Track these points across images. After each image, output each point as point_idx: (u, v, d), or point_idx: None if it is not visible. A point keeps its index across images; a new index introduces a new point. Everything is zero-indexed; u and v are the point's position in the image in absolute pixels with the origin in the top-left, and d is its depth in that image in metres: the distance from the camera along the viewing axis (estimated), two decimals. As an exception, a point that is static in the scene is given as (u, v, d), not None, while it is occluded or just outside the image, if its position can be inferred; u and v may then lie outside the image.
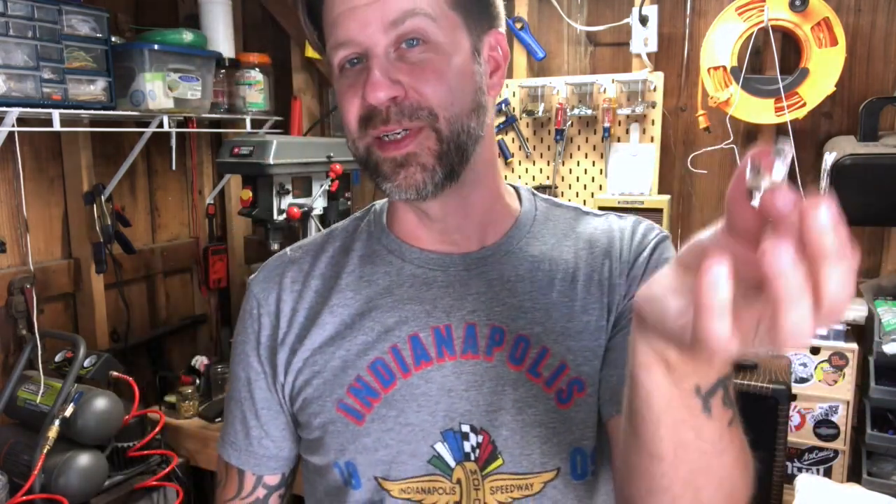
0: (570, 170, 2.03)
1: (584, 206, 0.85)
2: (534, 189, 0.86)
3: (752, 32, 1.69)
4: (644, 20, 1.85)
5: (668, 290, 0.44)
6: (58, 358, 1.77)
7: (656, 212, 1.86)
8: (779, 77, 1.68)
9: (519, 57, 2.06)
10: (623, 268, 0.76)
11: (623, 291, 0.75)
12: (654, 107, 1.89)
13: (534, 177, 2.08)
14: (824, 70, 1.64)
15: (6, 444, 1.60)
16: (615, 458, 0.70)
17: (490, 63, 0.73)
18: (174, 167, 2.16)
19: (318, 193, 1.93)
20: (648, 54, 1.88)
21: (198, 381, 2.02)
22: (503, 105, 2.05)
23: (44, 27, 1.55)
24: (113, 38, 1.75)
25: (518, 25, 2.02)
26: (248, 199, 1.79)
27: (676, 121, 1.98)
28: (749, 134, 1.90)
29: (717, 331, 0.38)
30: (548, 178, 2.06)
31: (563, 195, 2.05)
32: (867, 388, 1.52)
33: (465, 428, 0.72)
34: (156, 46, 1.81)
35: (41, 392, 1.61)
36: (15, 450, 1.58)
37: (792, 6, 1.63)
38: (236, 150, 1.75)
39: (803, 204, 0.36)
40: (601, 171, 1.99)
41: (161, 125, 1.89)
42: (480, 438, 0.72)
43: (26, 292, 1.78)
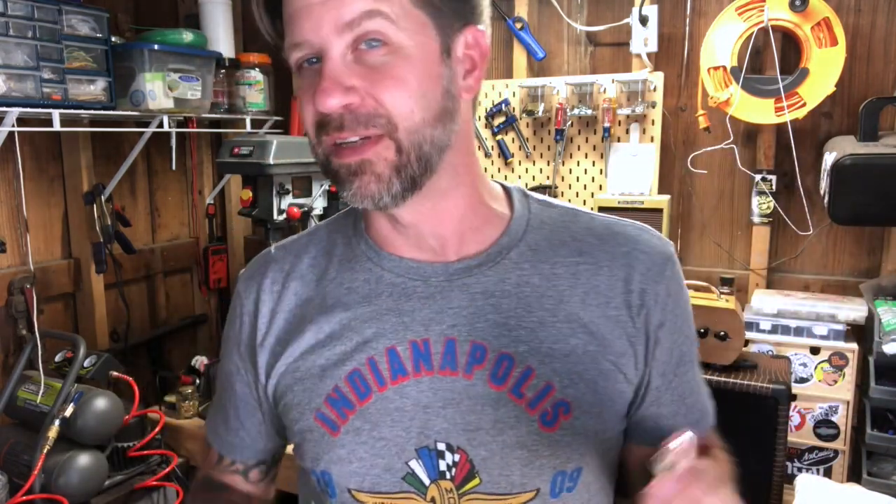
0: (570, 170, 2.03)
1: (580, 208, 0.80)
2: (527, 189, 0.81)
3: (752, 32, 1.69)
4: (644, 20, 1.85)
5: None
6: (58, 358, 1.77)
7: (656, 212, 1.86)
8: (779, 77, 1.68)
9: (519, 57, 2.06)
10: (632, 300, 0.72)
11: (642, 332, 0.73)
12: (654, 107, 1.89)
13: (534, 177, 2.08)
14: (824, 70, 1.64)
15: (6, 444, 1.60)
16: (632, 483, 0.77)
17: (465, 63, 0.68)
18: (174, 167, 2.16)
19: (318, 193, 1.93)
20: (648, 54, 1.88)
21: (198, 381, 2.02)
22: (503, 105, 2.05)
23: (44, 27, 1.55)
24: (113, 38, 1.75)
25: (518, 25, 2.02)
26: (248, 199, 1.79)
27: (676, 121, 1.98)
28: (749, 134, 1.90)
29: None
30: (548, 178, 2.06)
31: (563, 195, 2.05)
32: (867, 388, 1.52)
33: (441, 446, 0.70)
34: (156, 46, 1.81)
35: (41, 392, 1.61)
36: (15, 450, 1.58)
37: (792, 6, 1.63)
38: (236, 150, 1.75)
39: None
40: (601, 171, 1.99)
41: (161, 125, 1.89)
42: (458, 457, 0.70)
43: (26, 292, 1.78)
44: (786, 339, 1.66)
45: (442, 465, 0.70)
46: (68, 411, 1.55)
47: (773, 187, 1.84)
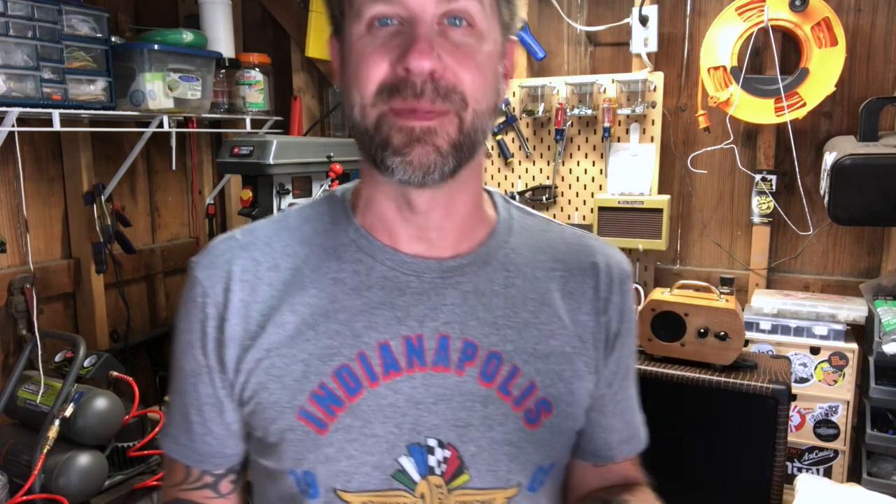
0: (570, 170, 2.03)
1: (551, 219, 0.84)
2: (507, 195, 0.84)
3: (752, 32, 1.69)
4: (644, 20, 1.85)
5: None
6: (58, 358, 1.77)
7: (656, 212, 1.86)
8: (779, 77, 1.68)
9: (519, 57, 2.06)
10: (599, 307, 0.77)
11: (602, 336, 0.77)
12: (654, 107, 1.89)
13: (534, 177, 2.08)
14: (824, 70, 1.64)
15: (6, 444, 1.60)
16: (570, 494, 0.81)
17: (504, 69, 0.72)
18: (174, 167, 2.17)
19: (318, 193, 1.93)
20: (648, 54, 1.88)
21: (198, 381, 2.01)
22: (503, 105, 2.05)
23: (44, 27, 1.55)
24: (113, 38, 1.75)
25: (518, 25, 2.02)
26: (249, 199, 1.79)
27: (676, 121, 1.98)
28: (749, 134, 1.90)
29: None
30: (548, 178, 2.06)
31: (563, 195, 2.05)
32: (867, 388, 1.52)
33: (432, 442, 0.70)
34: (156, 46, 1.81)
35: (41, 392, 1.61)
36: (15, 450, 1.58)
37: (792, 6, 1.63)
38: (236, 150, 1.75)
39: None
40: (601, 171, 1.99)
41: (161, 125, 1.89)
42: (448, 453, 0.70)
43: (26, 292, 1.78)
44: (786, 339, 1.66)
45: (432, 461, 0.70)
46: (68, 411, 1.55)
47: (773, 187, 1.84)
